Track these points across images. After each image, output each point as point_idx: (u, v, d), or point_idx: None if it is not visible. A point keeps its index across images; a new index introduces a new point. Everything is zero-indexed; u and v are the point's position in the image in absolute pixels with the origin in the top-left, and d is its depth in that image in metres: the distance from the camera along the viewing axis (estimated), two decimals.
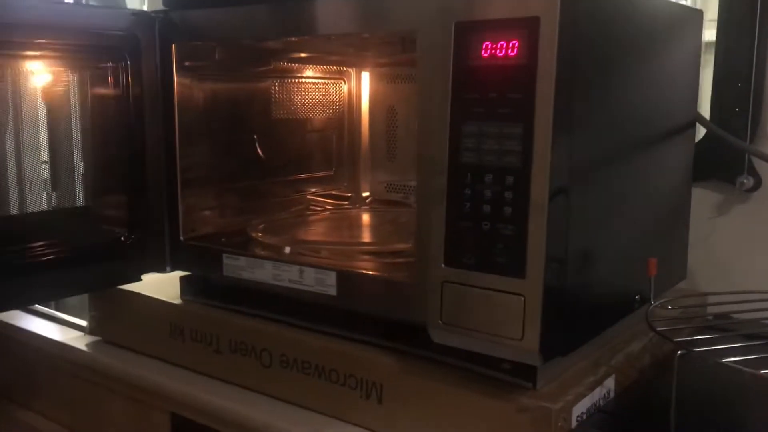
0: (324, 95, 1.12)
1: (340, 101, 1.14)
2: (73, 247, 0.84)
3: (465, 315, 0.62)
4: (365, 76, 1.15)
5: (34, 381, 1.05)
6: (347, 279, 0.75)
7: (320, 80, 1.11)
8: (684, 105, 0.84)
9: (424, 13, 0.64)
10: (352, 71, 1.14)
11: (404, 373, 0.71)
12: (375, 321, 0.74)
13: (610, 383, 0.71)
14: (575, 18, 0.57)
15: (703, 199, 0.95)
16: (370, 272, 0.76)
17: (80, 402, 0.99)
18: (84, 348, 0.97)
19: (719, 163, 0.95)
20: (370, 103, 1.15)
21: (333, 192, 1.15)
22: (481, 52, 0.60)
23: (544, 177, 0.57)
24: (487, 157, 0.60)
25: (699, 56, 0.86)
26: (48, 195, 0.87)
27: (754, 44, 0.92)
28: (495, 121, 0.59)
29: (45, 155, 0.88)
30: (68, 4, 1.10)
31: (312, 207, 1.12)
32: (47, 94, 0.85)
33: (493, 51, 0.59)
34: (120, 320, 0.96)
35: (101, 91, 0.85)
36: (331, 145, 1.14)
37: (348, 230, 1.06)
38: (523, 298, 0.59)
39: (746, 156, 0.93)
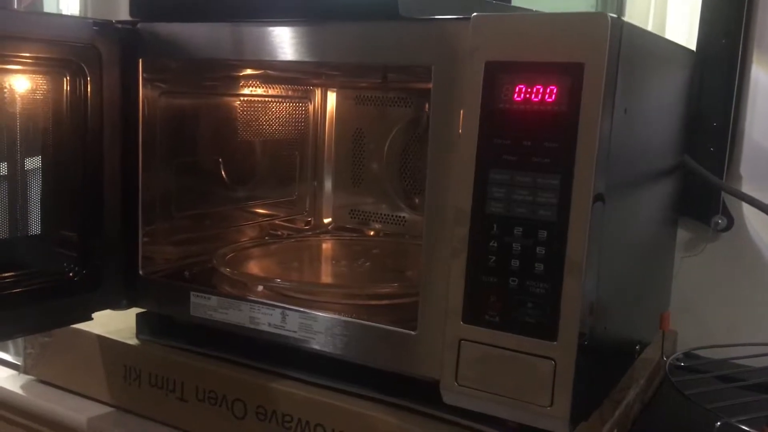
0: (289, 115, 1.05)
1: (304, 122, 1.07)
2: (17, 281, 0.74)
3: (485, 377, 0.58)
4: (331, 97, 1.08)
5: None
6: (338, 326, 0.69)
7: (285, 99, 1.04)
8: (675, 143, 0.83)
9: (444, 49, 0.59)
10: (318, 90, 1.08)
11: None
12: (371, 372, 0.68)
13: None
14: (617, 62, 0.54)
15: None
16: (363, 320, 0.70)
17: None
18: (17, 389, 0.86)
19: (693, 202, 0.95)
20: (336, 125, 1.09)
21: (295, 217, 1.08)
22: (513, 95, 0.55)
23: (583, 233, 0.53)
24: (517, 209, 0.56)
25: (689, 94, 0.85)
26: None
27: (734, 83, 0.92)
28: (529, 171, 0.55)
29: None
30: (19, 11, 0.98)
31: (272, 232, 1.05)
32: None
33: (528, 95, 0.55)
34: (63, 359, 0.86)
35: (57, 106, 0.75)
36: (294, 168, 1.07)
37: (318, 263, 0.99)
38: (553, 363, 0.55)
39: (721, 196, 0.94)
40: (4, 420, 0.87)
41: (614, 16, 0.52)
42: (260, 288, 0.80)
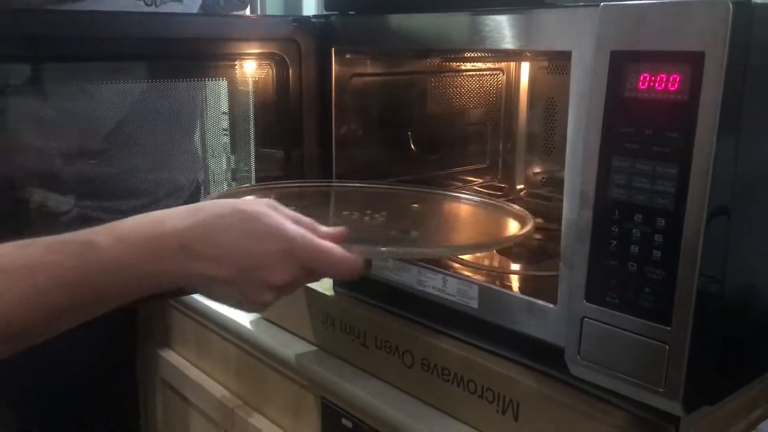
0: (481, 87, 1.10)
1: (497, 93, 1.12)
2: None
3: (604, 354, 0.61)
4: (524, 67, 1.11)
5: (207, 347, 1.15)
6: (489, 294, 0.75)
7: (477, 72, 1.09)
8: None
9: (581, 37, 0.61)
10: (512, 63, 1.11)
11: (543, 396, 0.70)
12: (516, 338, 0.73)
13: (766, 428, 0.67)
14: (746, 50, 0.52)
15: None
16: (512, 291, 0.75)
17: (244, 371, 1.08)
18: (247, 324, 1.05)
19: None
20: (528, 94, 1.12)
21: (487, 184, 1.14)
22: (638, 83, 0.56)
23: (699, 223, 0.53)
24: (637, 196, 0.57)
25: None
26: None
27: None
28: (649, 159, 0.56)
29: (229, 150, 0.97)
30: (237, 16, 1.18)
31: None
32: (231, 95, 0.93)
33: (652, 84, 0.55)
34: (279, 303, 1.02)
35: (267, 93, 0.90)
36: (486, 137, 1.12)
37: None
38: (667, 347, 0.56)
39: None
40: (235, 346, 1.07)
41: (740, 1, 0.51)
42: None
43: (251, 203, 0.62)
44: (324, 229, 0.64)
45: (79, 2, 1.00)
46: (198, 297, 1.13)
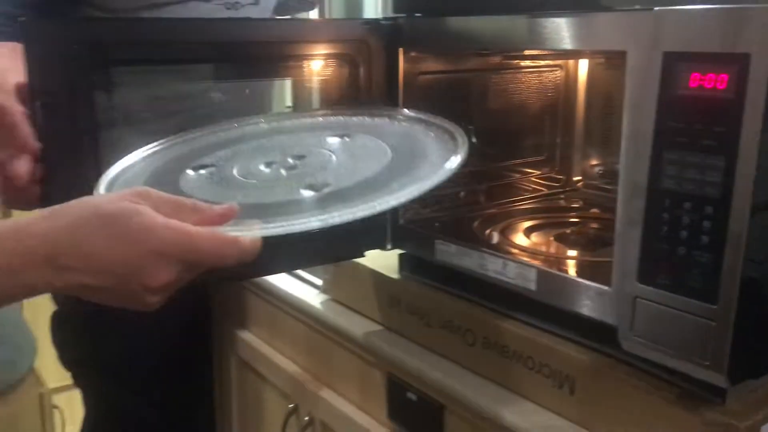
0: (539, 83, 1.15)
1: (555, 88, 1.17)
2: None
3: (654, 330, 0.66)
4: (582, 64, 1.16)
5: (279, 327, 1.24)
6: (547, 277, 0.81)
7: (536, 69, 1.14)
8: None
9: (635, 38, 0.66)
10: (570, 60, 1.16)
11: (597, 372, 0.76)
12: (572, 318, 0.79)
13: None
14: None
15: None
16: (568, 274, 0.81)
17: (314, 349, 1.16)
18: (317, 305, 1.13)
19: None
20: (586, 89, 1.17)
21: (545, 175, 1.20)
22: (689, 82, 0.61)
23: (744, 211, 0.58)
24: (687, 185, 0.62)
25: None
26: None
27: None
28: (698, 152, 0.61)
29: None
30: (317, 19, 1.26)
31: (523, 190, 1.17)
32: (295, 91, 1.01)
33: (701, 82, 0.60)
34: (347, 285, 1.10)
35: (337, 89, 0.97)
36: (544, 130, 1.17)
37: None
38: (713, 324, 0.61)
39: None
40: (306, 325, 1.15)
41: None
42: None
43: (117, 201, 0.58)
44: (214, 208, 0.60)
45: (169, 6, 1.09)
46: (270, 279, 1.22)
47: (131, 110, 0.89)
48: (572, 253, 0.95)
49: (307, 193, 0.72)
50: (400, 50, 0.95)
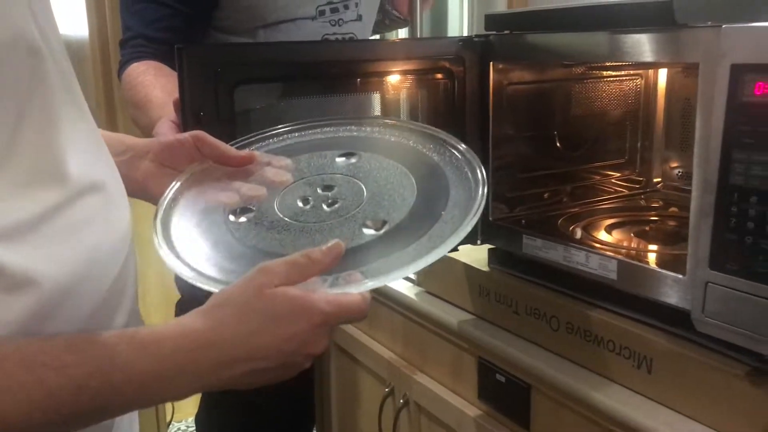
0: (620, 91, 1.23)
1: (635, 95, 1.24)
2: None
3: (724, 312, 0.74)
4: (662, 72, 1.23)
5: (376, 316, 1.36)
6: (626, 268, 0.89)
7: (617, 78, 1.22)
8: None
9: (706, 52, 0.74)
10: (650, 70, 1.23)
11: (672, 352, 0.84)
12: (649, 304, 0.87)
13: None
14: None
15: None
16: (647, 264, 0.89)
17: (409, 337, 1.27)
18: (413, 296, 1.24)
19: None
20: (665, 95, 1.24)
21: (625, 177, 1.27)
22: (754, 90, 0.69)
23: None
24: (753, 181, 0.70)
25: None
26: None
27: None
28: (763, 152, 0.69)
29: None
30: (421, 38, 1.40)
31: (605, 191, 1.25)
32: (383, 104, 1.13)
33: (766, 90, 0.68)
34: (441, 278, 1.21)
35: (435, 101, 1.08)
36: (624, 135, 1.25)
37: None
38: None
39: None
40: (402, 316, 1.26)
41: None
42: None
43: (255, 290, 0.60)
44: (316, 252, 0.64)
45: (281, 24, 1.23)
46: None
47: (250, 120, 1.03)
48: (651, 247, 1.03)
49: (369, 232, 0.74)
50: (491, 64, 1.05)
